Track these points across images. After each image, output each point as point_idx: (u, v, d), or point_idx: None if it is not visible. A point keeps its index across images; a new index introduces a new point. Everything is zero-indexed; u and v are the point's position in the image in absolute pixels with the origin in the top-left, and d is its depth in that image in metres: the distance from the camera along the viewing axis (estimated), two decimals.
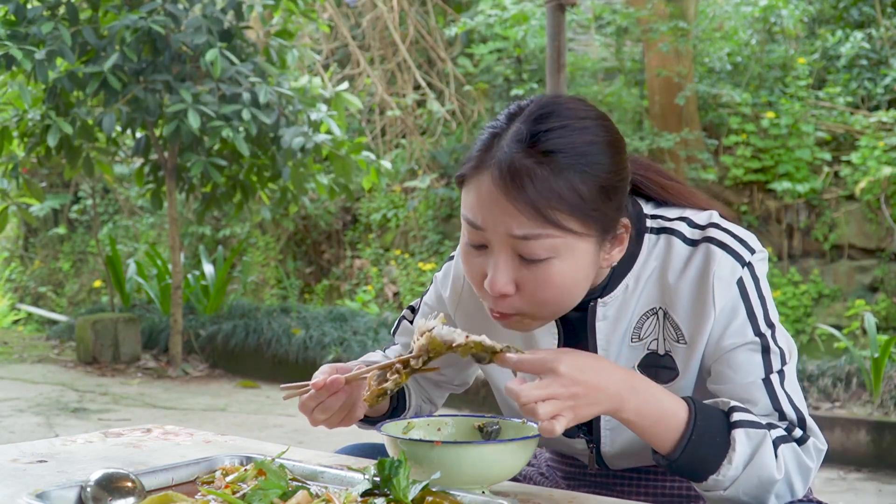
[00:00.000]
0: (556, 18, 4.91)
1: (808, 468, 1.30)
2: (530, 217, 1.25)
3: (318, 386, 1.34)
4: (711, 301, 1.33)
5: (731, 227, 1.37)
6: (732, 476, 1.25)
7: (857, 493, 4.12)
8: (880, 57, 7.55)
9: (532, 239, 1.26)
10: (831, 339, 6.26)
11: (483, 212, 1.28)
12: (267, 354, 7.10)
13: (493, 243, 1.29)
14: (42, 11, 6.03)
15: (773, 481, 1.26)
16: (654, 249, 1.39)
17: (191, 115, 5.89)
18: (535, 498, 1.28)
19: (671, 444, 1.26)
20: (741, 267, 1.34)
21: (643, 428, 1.26)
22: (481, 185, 1.28)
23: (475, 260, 1.32)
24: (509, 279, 1.29)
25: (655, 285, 1.38)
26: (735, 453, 1.25)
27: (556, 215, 1.25)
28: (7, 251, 11.92)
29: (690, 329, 1.35)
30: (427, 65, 9.52)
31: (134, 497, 1.16)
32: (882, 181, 6.54)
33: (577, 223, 1.27)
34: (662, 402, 1.26)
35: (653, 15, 7.68)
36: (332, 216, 9.36)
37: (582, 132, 1.28)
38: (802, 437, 1.30)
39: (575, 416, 1.19)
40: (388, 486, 1.14)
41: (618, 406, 1.23)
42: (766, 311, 1.34)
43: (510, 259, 1.28)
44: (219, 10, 6.30)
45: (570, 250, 1.27)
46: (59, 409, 5.73)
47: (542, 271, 1.28)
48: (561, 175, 1.25)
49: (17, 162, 6.64)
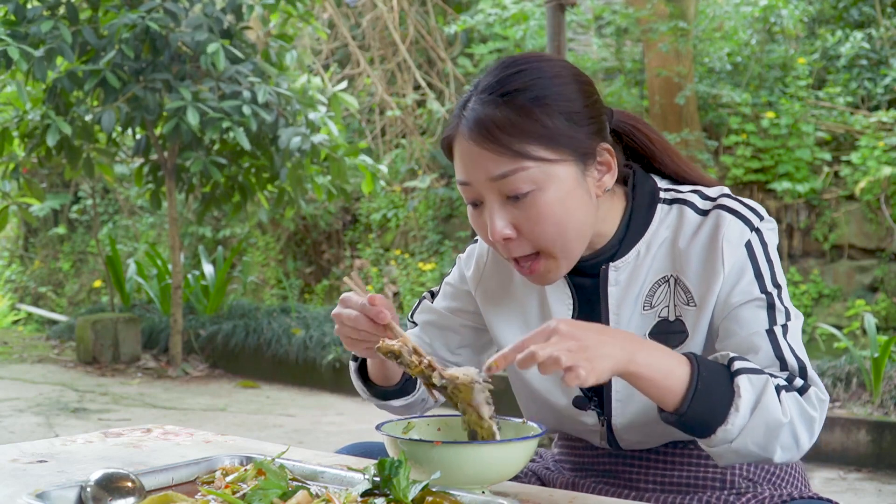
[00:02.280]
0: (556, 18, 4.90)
1: (812, 417, 1.30)
2: (501, 155, 1.33)
3: (371, 301, 1.37)
4: (721, 262, 1.37)
5: (742, 199, 1.42)
6: (740, 424, 1.26)
7: (857, 493, 4.12)
8: (880, 57, 7.55)
9: (510, 175, 1.33)
10: (831, 339, 6.26)
11: (465, 167, 1.38)
12: (267, 354, 7.10)
13: (482, 195, 1.38)
14: (42, 11, 6.03)
15: (780, 425, 1.27)
16: (667, 218, 1.44)
17: (190, 112, 5.89)
18: (535, 498, 1.28)
19: (678, 398, 1.26)
20: (750, 231, 1.39)
21: (652, 382, 1.25)
22: (460, 145, 1.39)
23: (479, 220, 1.41)
24: (505, 222, 1.36)
25: (667, 253, 1.42)
26: (741, 399, 1.25)
27: (523, 147, 1.33)
28: (7, 251, 11.92)
29: (700, 291, 1.39)
30: (427, 65, 9.52)
31: (134, 497, 1.16)
32: (882, 181, 6.54)
33: (547, 151, 1.34)
34: (666, 356, 1.27)
35: (652, 15, 7.68)
36: (332, 216, 9.36)
37: (541, 71, 1.37)
38: (804, 387, 1.32)
39: (592, 368, 1.18)
40: (388, 486, 1.14)
41: (628, 357, 1.23)
42: (773, 273, 1.38)
43: (500, 203, 1.36)
44: (218, 11, 6.30)
45: (550, 179, 1.34)
46: (59, 409, 5.73)
47: (531, 205, 1.35)
48: (522, 111, 1.33)
49: (18, 162, 6.64)
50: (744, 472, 1.47)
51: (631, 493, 1.48)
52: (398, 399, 1.61)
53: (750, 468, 1.48)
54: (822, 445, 4.60)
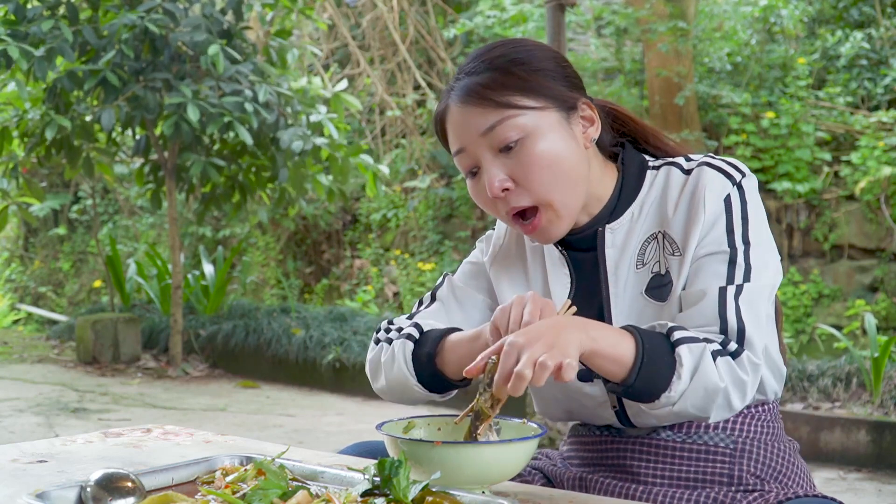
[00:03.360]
0: (555, 18, 4.90)
1: (742, 381, 1.36)
2: (486, 109, 1.42)
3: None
4: (702, 209, 1.43)
5: (725, 158, 1.50)
6: (681, 390, 1.33)
7: (857, 493, 4.12)
8: (880, 57, 7.55)
9: (497, 126, 1.42)
10: (831, 339, 6.26)
11: (456, 133, 1.46)
12: (267, 354, 7.10)
13: (476, 156, 1.44)
14: (42, 11, 6.03)
15: (717, 389, 1.34)
16: (656, 180, 1.51)
17: (190, 109, 5.88)
18: (536, 498, 1.28)
19: (625, 370, 1.33)
20: (731, 185, 1.44)
21: (606, 356, 1.32)
22: (451, 116, 1.47)
23: (478, 187, 1.47)
24: (502, 175, 1.43)
25: (656, 212, 1.49)
26: (683, 368, 1.32)
27: (507, 99, 1.42)
28: (7, 251, 11.92)
29: (683, 239, 1.45)
30: (427, 65, 9.52)
31: (134, 497, 1.16)
32: (882, 181, 6.54)
33: (530, 100, 1.43)
34: (611, 331, 1.34)
35: (652, 15, 7.68)
36: (332, 216, 9.36)
37: (517, 43, 1.49)
38: (736, 351, 1.36)
39: (560, 350, 1.25)
40: (388, 486, 1.14)
41: (585, 335, 1.29)
42: (745, 230, 1.43)
43: (494, 158, 1.43)
44: (218, 11, 6.30)
45: (537, 126, 1.42)
46: (59, 409, 5.73)
47: (522, 153, 1.42)
48: (503, 70, 1.44)
49: (17, 162, 6.64)
50: (752, 469, 1.48)
51: (639, 488, 1.48)
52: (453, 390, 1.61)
53: (758, 465, 1.48)
54: (822, 445, 4.60)
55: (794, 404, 4.89)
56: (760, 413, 1.52)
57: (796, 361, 5.25)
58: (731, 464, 1.48)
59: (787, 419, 4.67)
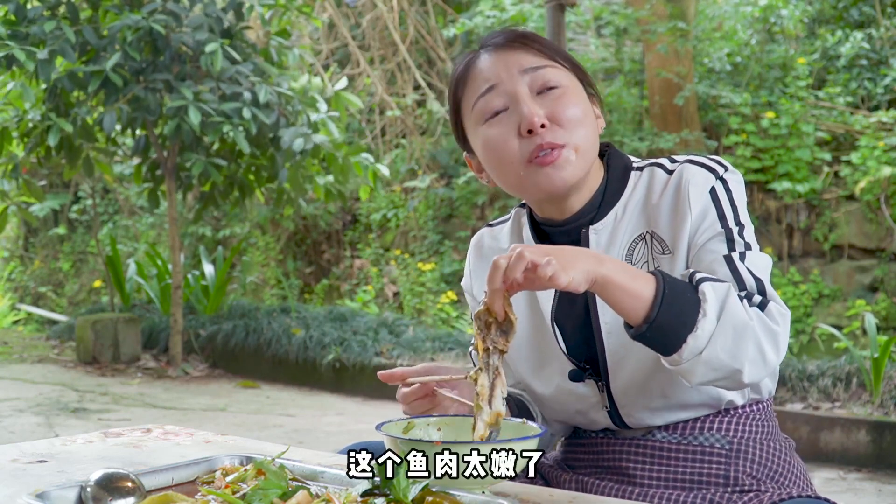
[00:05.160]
0: (555, 18, 4.91)
1: (774, 331, 1.33)
2: (533, 52, 1.49)
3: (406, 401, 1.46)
4: (688, 206, 1.44)
5: (708, 156, 1.52)
6: (710, 330, 1.28)
7: (857, 493, 4.12)
8: (880, 57, 7.55)
9: (542, 68, 1.47)
10: (831, 339, 6.26)
11: (494, 67, 1.49)
12: (267, 354, 7.10)
13: (512, 92, 1.47)
14: (42, 11, 6.03)
15: (747, 326, 1.30)
16: (640, 181, 1.53)
17: (191, 112, 5.89)
18: (536, 498, 1.28)
19: (647, 306, 1.29)
20: (714, 179, 1.46)
21: (622, 289, 1.29)
22: (488, 55, 1.50)
23: (500, 127, 1.47)
24: (540, 110, 1.45)
25: (642, 212, 1.50)
26: (707, 304, 1.29)
27: (551, 52, 1.50)
28: (7, 251, 11.92)
29: (672, 238, 1.46)
30: (427, 65, 9.52)
31: (134, 497, 1.16)
32: (882, 181, 6.54)
33: (565, 65, 1.51)
34: (630, 267, 1.33)
35: (652, 15, 7.68)
36: (332, 216, 9.36)
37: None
38: (763, 302, 1.36)
39: (563, 267, 1.23)
40: (388, 486, 1.14)
41: (598, 264, 1.28)
42: (735, 214, 1.45)
43: (532, 95, 1.47)
44: (219, 10, 6.30)
45: (573, 85, 1.49)
46: (59, 409, 5.73)
47: (563, 99, 1.46)
48: (537, 39, 1.51)
49: (17, 162, 6.64)
50: (747, 469, 1.48)
51: (635, 490, 1.48)
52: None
53: (754, 465, 1.48)
54: (822, 445, 4.60)
55: (793, 404, 4.89)
56: (755, 412, 1.51)
57: (796, 361, 5.25)
58: (726, 464, 1.47)
59: (787, 419, 4.67)
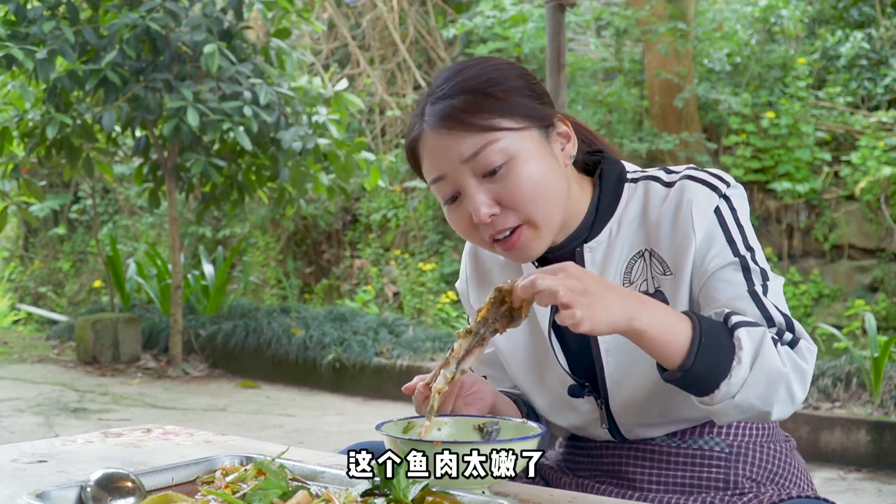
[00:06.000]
0: (555, 18, 4.90)
1: (803, 370, 1.32)
2: (469, 134, 1.37)
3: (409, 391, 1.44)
4: (691, 228, 1.39)
5: (708, 169, 1.46)
6: (743, 377, 1.27)
7: (857, 493, 4.12)
8: (880, 57, 7.55)
9: (481, 151, 1.37)
10: (831, 339, 6.26)
11: (436, 159, 1.40)
12: (267, 354, 7.10)
13: (458, 182, 1.40)
14: (42, 11, 6.03)
15: (781, 374, 1.28)
16: (635, 195, 1.47)
17: (190, 113, 5.88)
18: (536, 498, 1.28)
19: (682, 354, 1.27)
20: (718, 197, 1.41)
21: (655, 339, 1.26)
22: (427, 142, 1.41)
23: (457, 214, 1.42)
24: (489, 200, 1.38)
25: (639, 228, 1.45)
26: (742, 352, 1.27)
27: (488, 122, 1.37)
28: (7, 251, 11.92)
29: (674, 259, 1.41)
30: (427, 65, 9.52)
31: (134, 497, 1.16)
32: (882, 181, 6.54)
33: (511, 121, 1.38)
34: (667, 312, 1.29)
35: (652, 16, 7.68)
36: (332, 216, 9.36)
37: (484, 63, 1.44)
38: (794, 340, 1.33)
39: (590, 315, 1.21)
40: (388, 486, 1.14)
41: (631, 314, 1.24)
42: (744, 237, 1.40)
43: (478, 184, 1.38)
44: (219, 10, 6.30)
45: (519, 147, 1.38)
46: (59, 409, 5.73)
47: (508, 176, 1.37)
48: (478, 93, 1.39)
49: (17, 162, 6.64)
50: (747, 473, 1.47)
51: (634, 494, 1.47)
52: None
53: (754, 468, 1.47)
54: (822, 445, 4.60)
55: None
56: None
57: None
58: (726, 468, 1.47)
59: (787, 419, 4.67)
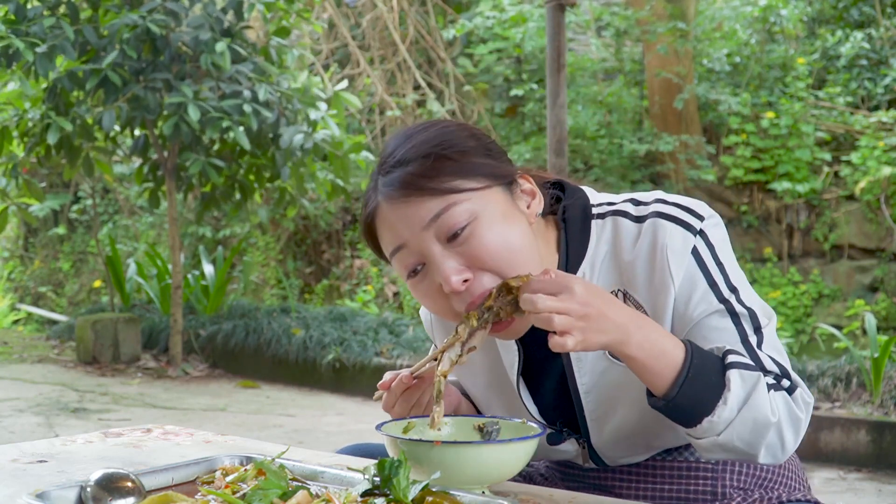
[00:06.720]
0: (556, 18, 4.91)
1: (799, 419, 1.30)
2: (429, 197, 1.30)
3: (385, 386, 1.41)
4: (668, 274, 1.33)
5: (678, 199, 1.39)
6: (727, 418, 1.25)
7: (857, 493, 4.12)
8: (880, 57, 7.55)
9: (443, 213, 1.30)
10: (831, 339, 6.27)
11: (395, 228, 1.33)
12: (267, 354, 7.10)
13: (422, 251, 1.32)
14: (42, 11, 6.03)
15: (768, 424, 1.26)
16: (603, 233, 1.41)
17: (191, 109, 5.89)
18: (536, 498, 1.28)
19: (668, 383, 1.25)
20: (693, 236, 1.34)
21: (644, 364, 1.25)
22: (384, 213, 1.34)
23: (424, 286, 1.35)
24: (457, 266, 1.31)
25: (611, 268, 1.40)
26: (730, 393, 1.25)
27: (448, 184, 1.30)
28: (7, 251, 11.92)
29: (651, 304, 1.36)
30: (427, 65, 9.52)
31: (134, 497, 1.16)
32: (882, 181, 6.54)
33: (471, 181, 1.32)
34: (663, 339, 1.26)
35: (652, 16, 7.68)
36: (332, 216, 9.36)
37: (435, 126, 1.37)
38: (791, 387, 1.31)
39: (584, 340, 1.20)
40: (388, 486, 1.14)
41: (623, 338, 1.23)
42: (726, 277, 1.35)
43: (444, 251, 1.31)
44: (219, 10, 6.30)
45: (483, 206, 1.31)
46: (59, 409, 5.73)
47: (474, 238, 1.30)
48: (433, 157, 1.32)
49: (17, 162, 6.64)
50: (735, 483, 1.46)
51: None
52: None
53: (741, 477, 1.46)
54: (822, 445, 4.60)
55: None
56: None
57: (796, 361, 5.25)
58: (713, 479, 1.45)
59: None
